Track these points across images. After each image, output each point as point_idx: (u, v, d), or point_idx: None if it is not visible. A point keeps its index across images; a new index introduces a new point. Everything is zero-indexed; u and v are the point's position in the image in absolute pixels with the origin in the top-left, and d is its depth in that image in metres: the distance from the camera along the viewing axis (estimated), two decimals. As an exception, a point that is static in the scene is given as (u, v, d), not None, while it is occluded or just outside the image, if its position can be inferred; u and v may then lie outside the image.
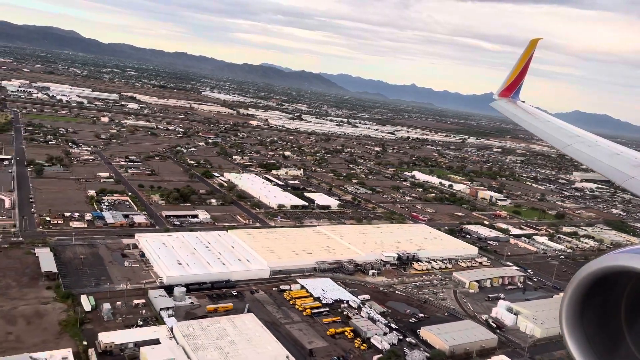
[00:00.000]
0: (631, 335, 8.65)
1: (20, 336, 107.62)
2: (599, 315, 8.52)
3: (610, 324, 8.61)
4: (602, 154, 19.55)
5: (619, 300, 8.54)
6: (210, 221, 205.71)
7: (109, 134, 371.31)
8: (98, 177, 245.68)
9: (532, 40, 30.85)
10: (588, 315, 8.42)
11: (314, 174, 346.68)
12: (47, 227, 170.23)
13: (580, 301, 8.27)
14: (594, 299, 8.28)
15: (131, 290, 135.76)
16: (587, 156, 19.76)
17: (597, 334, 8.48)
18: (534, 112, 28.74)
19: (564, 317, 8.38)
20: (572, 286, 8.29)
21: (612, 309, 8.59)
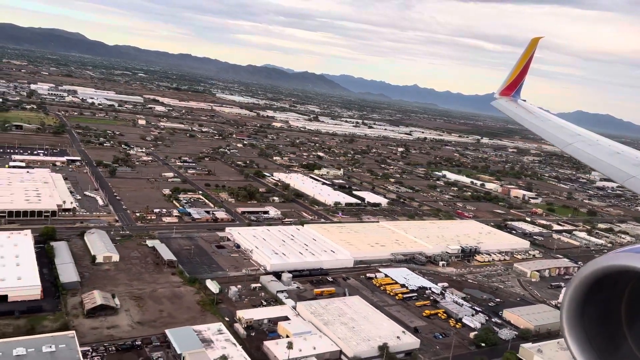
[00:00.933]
0: (632, 335, 8.69)
1: (171, 313, 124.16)
2: (600, 315, 8.54)
3: (610, 323, 8.61)
4: (603, 153, 19.66)
5: (619, 299, 8.55)
6: (281, 217, 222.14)
7: (153, 136, 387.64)
8: (164, 177, 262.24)
9: (532, 39, 31.00)
10: (589, 314, 8.46)
11: (352, 174, 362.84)
12: (145, 222, 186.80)
13: (581, 300, 8.31)
14: (594, 298, 8.32)
15: (241, 276, 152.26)
16: (588, 155, 19.87)
17: (597, 333, 8.51)
18: (535, 111, 28.81)
19: (565, 315, 8.43)
20: (573, 285, 8.31)
21: (613, 308, 8.60)
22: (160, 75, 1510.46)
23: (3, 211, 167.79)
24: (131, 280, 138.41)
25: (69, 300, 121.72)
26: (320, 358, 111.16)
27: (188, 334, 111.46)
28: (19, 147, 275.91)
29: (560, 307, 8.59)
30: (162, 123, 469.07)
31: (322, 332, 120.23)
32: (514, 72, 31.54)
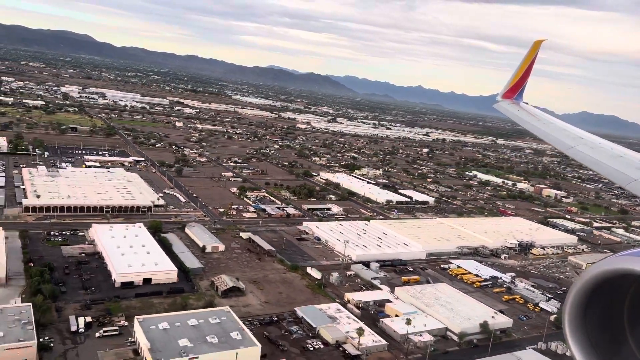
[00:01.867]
0: (634, 338, 8.76)
1: (288, 295, 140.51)
2: (602, 318, 8.61)
3: (612, 326, 8.69)
4: (605, 156, 19.63)
5: (622, 302, 8.62)
6: (343, 213, 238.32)
7: (195, 137, 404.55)
8: (224, 176, 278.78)
9: (535, 41, 31.18)
10: (591, 317, 8.54)
11: (389, 174, 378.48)
12: (228, 217, 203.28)
13: (583, 303, 8.39)
14: (596, 301, 8.39)
15: (331, 265, 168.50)
16: (591, 158, 19.92)
17: (599, 336, 8.59)
18: (537, 114, 29.01)
19: (567, 318, 8.53)
20: (575, 288, 8.38)
21: (615, 312, 8.67)
22: (171, 77, 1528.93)
23: (108, 207, 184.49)
24: (242, 267, 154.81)
25: (200, 283, 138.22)
26: (431, 333, 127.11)
27: (316, 312, 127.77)
28: (84, 148, 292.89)
29: (562, 310, 8.71)
30: (197, 125, 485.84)
31: (426, 313, 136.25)
32: (516, 75, 31.80)
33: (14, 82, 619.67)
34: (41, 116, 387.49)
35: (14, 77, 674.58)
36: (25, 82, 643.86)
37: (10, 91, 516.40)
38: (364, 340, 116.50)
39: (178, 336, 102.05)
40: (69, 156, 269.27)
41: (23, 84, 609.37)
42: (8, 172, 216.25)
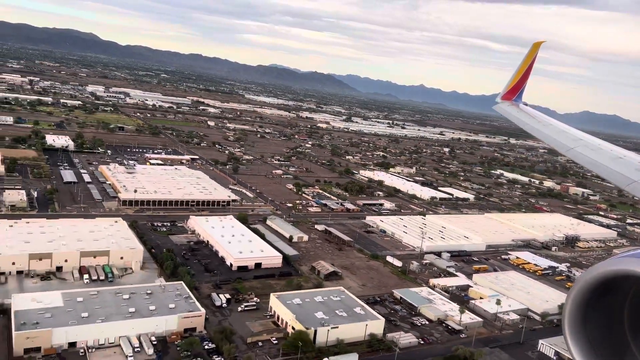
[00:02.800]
0: (634, 340, 8.79)
1: (379, 279, 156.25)
2: (602, 319, 8.63)
3: (613, 328, 8.72)
4: (605, 158, 19.70)
5: (622, 304, 8.65)
6: (396, 209, 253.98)
7: (233, 137, 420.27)
8: (275, 173, 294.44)
9: (535, 43, 31.43)
10: (591, 319, 8.56)
11: (422, 172, 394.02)
12: (297, 211, 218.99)
13: (583, 305, 8.41)
14: (597, 302, 8.41)
15: (403, 255, 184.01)
16: (590, 160, 19.96)
17: (600, 338, 8.61)
18: (537, 115, 29.21)
19: (567, 320, 8.54)
20: (575, 290, 8.39)
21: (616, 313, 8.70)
22: (180, 76, 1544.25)
23: (192, 201, 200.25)
24: (329, 255, 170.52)
25: (301, 268, 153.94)
26: (515, 313, 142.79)
27: (412, 294, 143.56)
28: (139, 147, 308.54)
29: (563, 312, 8.70)
30: (228, 124, 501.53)
31: (507, 296, 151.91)
32: (515, 76, 32.00)
33: (39, 81, 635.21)
34: (85, 116, 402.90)
35: (38, 77, 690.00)
36: (50, 82, 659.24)
37: (44, 91, 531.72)
38: (458, 318, 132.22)
39: (312, 310, 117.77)
40: (129, 154, 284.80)
41: (50, 84, 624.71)
42: (87, 169, 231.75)
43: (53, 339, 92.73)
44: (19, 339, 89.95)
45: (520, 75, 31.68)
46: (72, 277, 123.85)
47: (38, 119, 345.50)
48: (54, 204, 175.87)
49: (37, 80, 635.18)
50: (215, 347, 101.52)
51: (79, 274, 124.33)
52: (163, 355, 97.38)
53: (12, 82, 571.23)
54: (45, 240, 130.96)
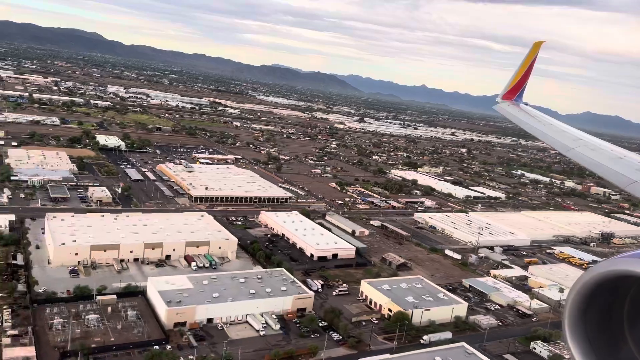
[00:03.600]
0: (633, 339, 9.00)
1: (445, 271, 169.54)
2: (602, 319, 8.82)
3: (612, 328, 8.91)
4: (605, 158, 19.85)
5: (621, 304, 8.82)
6: (437, 206, 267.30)
7: (262, 137, 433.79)
8: (314, 172, 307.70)
9: (535, 42, 31.36)
10: (590, 318, 8.73)
11: (448, 172, 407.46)
12: (347, 207, 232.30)
13: (583, 305, 8.56)
14: (596, 302, 8.58)
15: (458, 249, 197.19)
16: (590, 160, 20.11)
17: (599, 337, 8.82)
18: (537, 115, 29.22)
19: (567, 319, 8.70)
20: (575, 289, 8.50)
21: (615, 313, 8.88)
22: (188, 76, 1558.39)
23: (255, 197, 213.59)
24: (392, 249, 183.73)
25: (371, 259, 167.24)
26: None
27: (480, 282, 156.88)
28: (182, 147, 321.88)
29: (562, 312, 8.91)
30: (252, 125, 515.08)
31: (564, 286, 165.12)
32: (516, 76, 32.07)
33: (61, 82, 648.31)
34: (119, 116, 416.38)
35: (58, 78, 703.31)
36: (71, 82, 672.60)
37: (70, 92, 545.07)
38: (528, 304, 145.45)
39: (402, 295, 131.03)
40: (176, 154, 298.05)
41: (72, 84, 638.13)
42: (147, 168, 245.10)
43: (196, 315, 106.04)
44: (170, 315, 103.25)
45: (520, 75, 31.96)
46: (181, 264, 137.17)
47: (78, 120, 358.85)
48: (132, 199, 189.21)
49: (59, 81, 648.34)
50: (328, 325, 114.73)
51: (187, 262, 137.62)
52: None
53: (37, 83, 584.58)
54: (150, 231, 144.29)
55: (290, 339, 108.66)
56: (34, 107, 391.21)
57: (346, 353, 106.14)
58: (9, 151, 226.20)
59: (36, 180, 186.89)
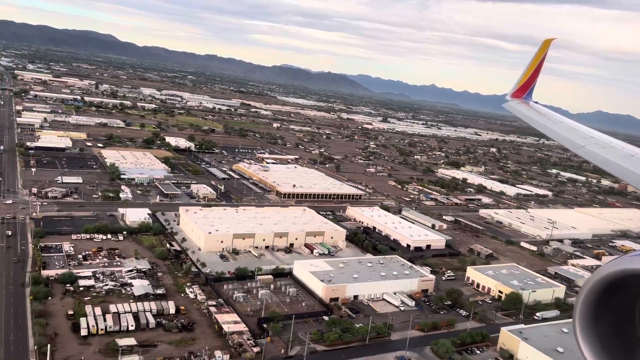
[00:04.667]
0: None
1: (527, 260, 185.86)
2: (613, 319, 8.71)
3: (624, 328, 8.80)
4: (616, 156, 19.90)
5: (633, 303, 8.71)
6: (494, 203, 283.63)
7: (305, 138, 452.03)
8: (369, 172, 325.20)
9: (545, 40, 31.27)
10: (602, 319, 8.62)
11: (491, 170, 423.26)
12: (415, 204, 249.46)
13: (594, 305, 8.47)
14: (608, 302, 8.49)
15: (529, 242, 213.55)
16: (601, 158, 20.14)
17: (611, 338, 8.70)
18: (547, 113, 29.10)
19: (578, 321, 8.60)
20: (586, 290, 8.38)
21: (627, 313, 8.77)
22: (205, 78, 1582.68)
23: (334, 194, 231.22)
24: (471, 241, 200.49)
25: (459, 250, 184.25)
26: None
27: (564, 270, 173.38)
28: (242, 148, 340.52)
29: (573, 311, 8.77)
30: (291, 126, 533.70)
31: None
32: (525, 74, 32.16)
33: (99, 85, 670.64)
34: (169, 118, 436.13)
35: (93, 81, 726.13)
36: (107, 85, 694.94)
37: (112, 94, 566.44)
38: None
39: (507, 279, 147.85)
40: (240, 154, 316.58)
41: (109, 87, 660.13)
42: (226, 167, 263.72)
43: (346, 292, 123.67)
44: (327, 291, 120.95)
45: (530, 72, 32.13)
46: (303, 251, 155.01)
47: (134, 122, 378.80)
48: (229, 195, 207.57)
49: (97, 84, 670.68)
50: (451, 303, 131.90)
51: (309, 250, 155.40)
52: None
53: (78, 86, 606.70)
54: (271, 222, 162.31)
55: (426, 313, 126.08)
56: (91, 110, 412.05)
57: (477, 325, 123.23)
58: (103, 152, 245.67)
59: (143, 179, 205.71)
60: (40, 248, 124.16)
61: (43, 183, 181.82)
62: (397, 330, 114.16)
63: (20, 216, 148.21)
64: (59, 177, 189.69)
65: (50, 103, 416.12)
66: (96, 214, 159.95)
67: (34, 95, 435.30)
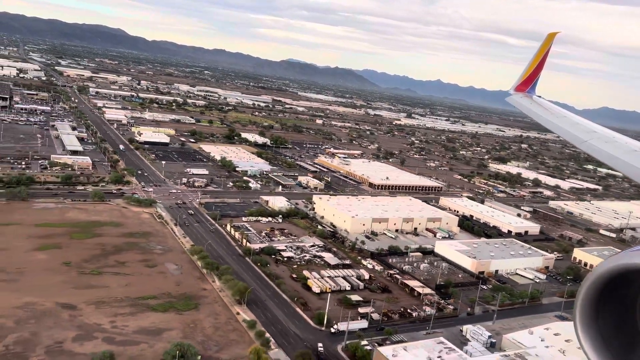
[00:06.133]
0: None
1: (611, 246, 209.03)
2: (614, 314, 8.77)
3: (626, 324, 8.87)
4: (619, 151, 20.01)
5: (635, 298, 8.78)
6: (555, 195, 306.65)
7: (354, 134, 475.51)
8: (429, 165, 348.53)
9: (549, 34, 31.44)
10: (603, 314, 8.67)
11: (536, 166, 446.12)
12: (490, 196, 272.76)
13: (595, 300, 8.52)
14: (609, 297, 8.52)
15: (611, 229, 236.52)
16: (605, 152, 20.27)
17: (612, 333, 8.77)
18: (550, 108, 29.30)
19: (578, 316, 8.66)
20: (587, 285, 8.42)
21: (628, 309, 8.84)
22: (224, 73, 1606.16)
23: (418, 186, 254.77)
24: (556, 228, 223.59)
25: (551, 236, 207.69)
26: None
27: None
28: (310, 143, 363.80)
29: (574, 307, 8.84)
30: (333, 122, 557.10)
31: None
32: (529, 68, 32.38)
33: (138, 81, 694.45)
34: (224, 115, 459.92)
35: (128, 77, 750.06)
36: (145, 81, 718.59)
37: (158, 91, 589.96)
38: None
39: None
40: (310, 150, 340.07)
41: (148, 84, 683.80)
42: (307, 161, 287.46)
43: (490, 266, 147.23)
44: (476, 266, 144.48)
45: (534, 66, 32.34)
46: (427, 234, 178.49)
47: (202, 119, 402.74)
48: (331, 186, 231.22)
49: (128, 80, 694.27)
50: (573, 277, 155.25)
51: (431, 233, 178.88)
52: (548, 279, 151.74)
53: (121, 83, 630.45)
54: (393, 209, 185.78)
55: (556, 285, 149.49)
56: (153, 106, 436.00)
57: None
58: (203, 147, 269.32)
59: (254, 171, 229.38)
60: (233, 227, 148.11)
61: (177, 174, 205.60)
62: (541, 297, 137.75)
63: (186, 202, 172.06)
64: (189, 169, 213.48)
65: (113, 99, 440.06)
66: (243, 200, 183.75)
67: (95, 92, 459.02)
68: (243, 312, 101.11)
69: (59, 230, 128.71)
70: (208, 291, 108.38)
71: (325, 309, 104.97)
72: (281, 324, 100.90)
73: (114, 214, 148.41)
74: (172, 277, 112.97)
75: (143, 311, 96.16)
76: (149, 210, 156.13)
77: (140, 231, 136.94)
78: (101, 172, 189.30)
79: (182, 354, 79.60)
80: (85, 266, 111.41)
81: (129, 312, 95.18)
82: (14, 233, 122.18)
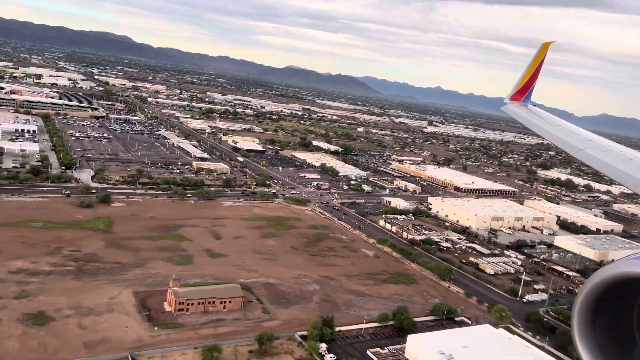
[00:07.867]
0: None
1: None
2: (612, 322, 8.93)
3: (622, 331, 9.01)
4: (615, 159, 20.25)
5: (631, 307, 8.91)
6: (611, 199, 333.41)
7: (402, 142, 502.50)
8: (487, 171, 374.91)
9: (544, 43, 32.36)
10: (600, 322, 8.82)
11: (573, 172, 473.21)
12: (559, 199, 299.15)
13: (593, 308, 8.66)
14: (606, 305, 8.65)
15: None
16: (600, 161, 20.62)
17: (609, 341, 8.92)
18: (546, 116, 29.74)
19: (576, 323, 8.80)
20: (584, 292, 8.54)
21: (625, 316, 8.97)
22: (230, 80, 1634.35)
23: (498, 190, 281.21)
24: (632, 228, 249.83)
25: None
26: None
27: None
28: (373, 151, 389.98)
29: (571, 315, 8.94)
30: (373, 130, 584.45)
31: None
32: (524, 77, 33.10)
33: (180, 90, 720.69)
34: (280, 124, 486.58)
35: (162, 86, 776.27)
36: (179, 90, 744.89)
37: (200, 100, 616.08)
38: None
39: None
40: (375, 157, 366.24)
41: (186, 93, 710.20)
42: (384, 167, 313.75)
43: (608, 256, 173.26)
44: (599, 255, 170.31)
45: (529, 75, 32.76)
46: (534, 231, 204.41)
47: (268, 128, 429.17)
48: (424, 190, 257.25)
49: (181, 90, 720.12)
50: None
51: (537, 230, 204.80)
52: None
53: (163, 92, 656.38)
54: (500, 209, 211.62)
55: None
56: (214, 116, 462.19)
57: None
58: (296, 154, 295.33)
59: (353, 176, 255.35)
60: (387, 222, 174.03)
61: (295, 178, 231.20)
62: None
63: (328, 202, 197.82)
64: (304, 174, 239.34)
65: (172, 109, 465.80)
66: (368, 201, 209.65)
67: (155, 102, 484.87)
68: (452, 286, 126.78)
69: (261, 223, 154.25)
70: (413, 270, 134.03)
71: (505, 287, 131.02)
72: (484, 295, 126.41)
73: (285, 210, 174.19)
74: (376, 260, 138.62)
75: (381, 283, 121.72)
76: (307, 208, 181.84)
77: (319, 224, 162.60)
78: (238, 177, 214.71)
79: (449, 309, 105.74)
80: (308, 250, 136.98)
81: (373, 282, 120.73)
82: (234, 225, 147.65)
